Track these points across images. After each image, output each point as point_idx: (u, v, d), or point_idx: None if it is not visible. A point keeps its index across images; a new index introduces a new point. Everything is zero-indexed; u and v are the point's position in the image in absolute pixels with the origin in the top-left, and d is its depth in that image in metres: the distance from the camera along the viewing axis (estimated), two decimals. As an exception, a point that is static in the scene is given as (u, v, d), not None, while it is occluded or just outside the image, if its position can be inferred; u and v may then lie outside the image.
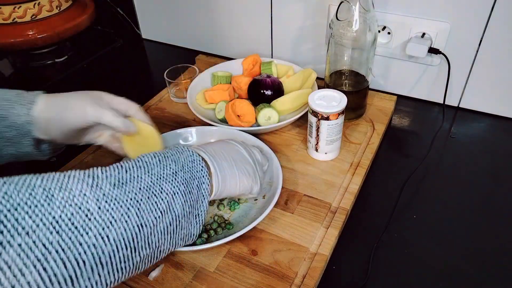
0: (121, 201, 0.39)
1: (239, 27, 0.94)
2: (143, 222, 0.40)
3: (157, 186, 0.42)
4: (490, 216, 0.59)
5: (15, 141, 0.53)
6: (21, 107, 0.52)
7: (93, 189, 0.38)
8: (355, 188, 0.62)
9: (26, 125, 0.52)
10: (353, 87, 0.73)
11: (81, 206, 0.36)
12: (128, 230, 0.38)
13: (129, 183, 0.41)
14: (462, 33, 0.72)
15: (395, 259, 0.54)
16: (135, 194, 0.40)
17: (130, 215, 0.39)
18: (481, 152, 0.70)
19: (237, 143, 0.56)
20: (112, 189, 0.39)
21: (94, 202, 0.37)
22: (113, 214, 0.38)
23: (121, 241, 0.38)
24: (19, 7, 0.89)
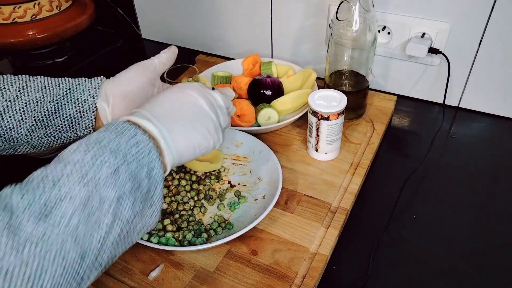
0: (51, 238, 0.30)
1: (239, 27, 0.94)
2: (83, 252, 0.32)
3: (95, 198, 0.34)
4: (490, 216, 0.59)
5: (74, 121, 0.53)
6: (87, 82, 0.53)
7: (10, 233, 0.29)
8: (355, 188, 0.62)
9: (90, 100, 0.52)
10: (353, 87, 0.73)
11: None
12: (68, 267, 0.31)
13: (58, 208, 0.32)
14: (462, 33, 0.72)
15: (395, 259, 0.54)
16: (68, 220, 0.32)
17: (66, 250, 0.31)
18: (481, 152, 0.70)
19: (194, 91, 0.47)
20: (36, 225, 0.30)
21: (14, 255, 0.28)
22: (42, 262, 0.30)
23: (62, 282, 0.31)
24: (19, 7, 0.89)
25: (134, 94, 0.54)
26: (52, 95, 0.51)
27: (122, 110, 0.54)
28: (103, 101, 0.53)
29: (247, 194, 0.62)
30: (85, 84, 0.53)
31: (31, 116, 0.50)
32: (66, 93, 0.52)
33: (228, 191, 0.63)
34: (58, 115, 0.52)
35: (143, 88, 0.55)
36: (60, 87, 0.52)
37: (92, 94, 0.53)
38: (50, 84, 0.52)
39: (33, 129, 0.50)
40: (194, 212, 0.59)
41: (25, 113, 0.49)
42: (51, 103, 0.51)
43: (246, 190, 0.63)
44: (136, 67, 0.56)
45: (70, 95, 0.52)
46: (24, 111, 0.49)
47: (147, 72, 0.56)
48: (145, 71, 0.56)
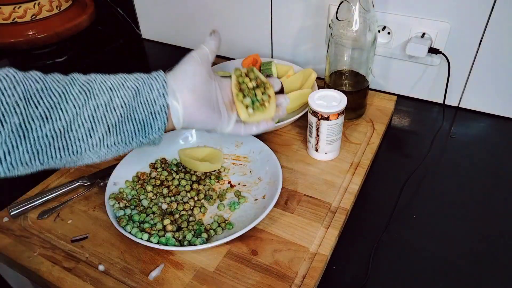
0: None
1: (239, 27, 0.94)
2: None
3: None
4: (490, 216, 0.59)
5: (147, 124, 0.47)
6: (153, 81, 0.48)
7: None
8: (355, 188, 0.62)
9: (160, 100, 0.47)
10: (353, 87, 0.73)
11: None
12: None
13: None
14: (462, 33, 0.72)
15: (395, 259, 0.54)
16: None
17: None
18: (481, 152, 0.70)
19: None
20: None
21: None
22: None
23: None
24: (19, 7, 0.89)
25: (200, 88, 0.50)
26: (120, 96, 0.46)
27: (193, 105, 0.49)
28: (173, 99, 0.48)
29: (247, 194, 0.62)
30: (150, 82, 0.48)
31: (103, 122, 0.45)
32: (136, 94, 0.47)
33: (228, 191, 0.63)
34: (131, 119, 0.46)
35: (206, 81, 0.51)
36: (124, 87, 0.46)
37: (162, 92, 0.47)
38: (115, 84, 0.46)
39: (104, 138, 0.45)
40: (194, 212, 0.59)
41: (95, 120, 0.44)
42: (122, 106, 0.45)
43: (246, 190, 0.63)
44: (193, 59, 0.51)
45: (139, 96, 0.47)
46: (94, 118, 0.44)
47: (205, 64, 0.52)
48: (203, 63, 0.51)
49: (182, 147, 0.69)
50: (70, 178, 0.66)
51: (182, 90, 0.49)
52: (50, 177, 0.66)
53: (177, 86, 0.49)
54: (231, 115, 0.53)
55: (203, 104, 0.50)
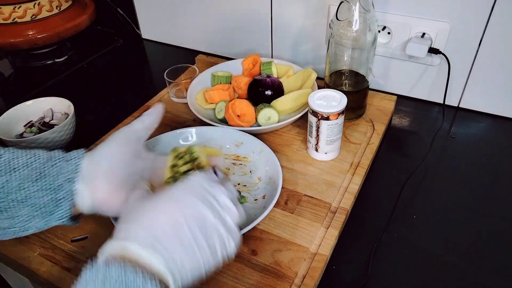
0: None
1: (239, 27, 0.94)
2: None
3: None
4: (490, 216, 0.59)
5: (47, 210, 0.43)
6: (64, 163, 0.44)
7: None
8: (355, 188, 0.62)
9: (66, 186, 0.43)
10: (353, 87, 0.73)
11: None
12: None
13: None
14: (462, 33, 0.72)
15: (395, 259, 0.54)
16: None
17: None
18: (481, 152, 0.70)
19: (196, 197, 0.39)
20: None
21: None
22: None
23: None
24: (19, 7, 0.89)
25: (117, 171, 0.45)
26: (19, 179, 0.42)
27: (104, 190, 0.44)
28: (83, 183, 0.44)
29: (247, 194, 0.62)
30: (61, 165, 0.43)
31: None
32: (38, 178, 0.42)
33: (228, 191, 0.63)
34: (28, 205, 0.42)
35: (127, 163, 0.46)
36: (29, 168, 0.42)
37: (71, 178, 0.43)
38: (17, 165, 0.43)
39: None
40: (194, 212, 0.59)
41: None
42: (18, 190, 0.42)
43: (246, 190, 0.62)
44: (117, 140, 0.47)
45: (42, 180, 0.42)
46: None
47: (131, 144, 0.47)
48: (129, 143, 0.47)
49: (182, 147, 0.69)
50: (70, 178, 0.66)
51: (95, 175, 0.44)
52: (50, 177, 0.66)
53: (92, 169, 0.44)
54: None
55: (118, 190, 0.45)
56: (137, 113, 0.80)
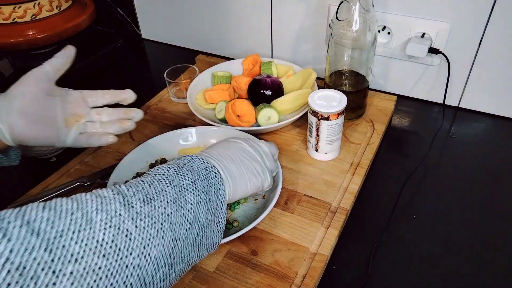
0: (154, 217, 0.38)
1: (239, 27, 0.94)
2: (176, 236, 0.39)
3: (181, 198, 0.42)
4: (490, 216, 0.59)
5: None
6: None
7: (126, 208, 0.37)
8: (355, 188, 0.62)
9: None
10: (353, 87, 0.73)
11: (120, 227, 0.35)
12: (165, 246, 0.38)
13: (157, 198, 0.40)
14: (462, 33, 0.72)
15: (395, 259, 0.54)
16: (164, 208, 0.39)
17: (165, 230, 0.38)
18: (481, 152, 0.70)
19: (241, 140, 0.55)
20: (143, 206, 0.38)
21: (130, 221, 0.36)
22: (149, 231, 0.37)
23: (160, 258, 0.37)
24: (19, 7, 0.89)
25: (30, 108, 0.50)
26: None
27: (23, 127, 0.50)
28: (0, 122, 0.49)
29: (247, 194, 0.62)
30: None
31: None
32: None
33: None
34: None
35: (39, 100, 0.51)
36: None
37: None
38: None
39: None
40: (194, 212, 0.59)
41: None
42: None
43: (246, 190, 0.62)
44: (26, 78, 0.52)
45: None
46: None
47: (39, 83, 0.52)
48: (37, 82, 0.52)
49: (182, 147, 0.69)
50: (70, 178, 0.66)
51: (9, 112, 0.49)
52: (50, 177, 0.66)
53: (5, 108, 0.49)
54: (70, 129, 0.54)
55: (33, 123, 0.51)
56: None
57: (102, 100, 0.58)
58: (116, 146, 0.71)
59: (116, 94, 0.58)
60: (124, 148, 0.71)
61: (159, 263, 0.37)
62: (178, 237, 0.39)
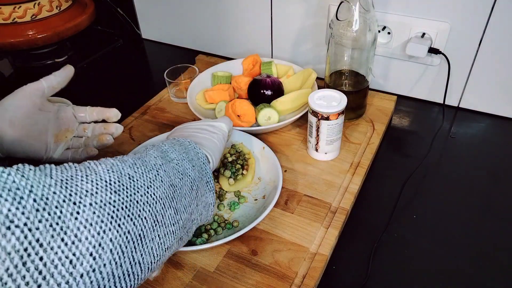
0: (148, 166, 0.42)
1: (239, 27, 0.94)
2: (172, 182, 0.42)
3: (166, 157, 0.45)
4: (490, 216, 0.59)
5: None
6: None
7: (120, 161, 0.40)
8: (355, 188, 0.62)
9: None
10: (353, 87, 0.73)
11: (121, 172, 0.39)
12: (166, 189, 0.41)
13: (145, 156, 0.43)
14: (462, 33, 0.72)
15: (395, 259, 0.54)
16: (154, 159, 0.43)
17: (161, 175, 0.42)
18: (481, 152, 0.70)
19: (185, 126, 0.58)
20: (135, 160, 0.42)
21: (129, 168, 0.40)
22: (148, 175, 0.40)
23: (165, 199, 0.40)
24: (19, 7, 0.89)
25: (21, 121, 0.52)
26: None
27: (13, 140, 0.52)
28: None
29: (247, 194, 0.62)
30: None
31: None
32: None
33: (228, 191, 0.63)
34: None
35: (29, 114, 0.53)
36: None
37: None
38: None
39: None
40: (194, 212, 0.59)
41: None
42: None
43: (246, 190, 0.62)
44: (21, 93, 0.53)
45: None
46: None
47: (33, 98, 0.54)
48: (31, 97, 0.54)
49: None
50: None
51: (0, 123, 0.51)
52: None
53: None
54: (59, 145, 0.58)
55: (23, 137, 0.53)
56: (136, 113, 0.80)
57: (90, 117, 0.61)
58: (116, 146, 0.71)
59: (102, 111, 0.61)
60: (124, 148, 0.71)
61: (165, 203, 0.40)
62: (175, 183, 0.43)
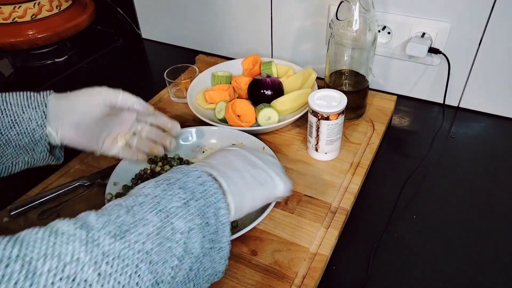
0: (126, 257, 0.30)
1: (239, 27, 0.94)
2: (158, 278, 0.32)
3: (168, 227, 0.34)
4: (490, 216, 0.59)
5: (29, 148, 0.52)
6: (32, 110, 0.51)
7: (88, 247, 0.29)
8: (355, 188, 0.62)
9: (39, 130, 0.51)
10: (353, 87, 0.73)
11: (75, 277, 0.28)
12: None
13: (134, 230, 0.32)
14: (462, 33, 0.72)
15: (395, 259, 0.54)
16: (142, 243, 0.32)
17: (141, 273, 0.31)
18: (481, 152, 0.70)
19: (239, 147, 0.51)
20: (113, 243, 0.30)
21: (92, 267, 0.29)
22: (118, 278, 0.29)
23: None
24: (19, 7, 0.89)
25: (86, 126, 0.54)
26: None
27: (70, 139, 0.54)
28: (52, 129, 0.52)
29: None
30: (31, 113, 0.51)
31: None
32: (13, 125, 0.50)
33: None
34: (11, 146, 0.51)
35: (96, 121, 0.55)
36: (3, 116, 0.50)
37: (40, 124, 0.51)
38: None
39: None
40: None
41: None
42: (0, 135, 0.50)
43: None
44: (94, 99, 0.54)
45: (17, 126, 0.50)
46: None
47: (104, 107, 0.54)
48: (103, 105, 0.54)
49: (182, 147, 0.69)
50: (70, 178, 0.66)
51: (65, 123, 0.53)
52: (50, 177, 0.66)
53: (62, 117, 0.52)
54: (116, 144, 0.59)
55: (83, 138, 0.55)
56: (137, 113, 0.80)
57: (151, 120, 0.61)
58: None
59: (165, 121, 0.61)
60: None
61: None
62: (162, 279, 0.32)
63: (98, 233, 0.31)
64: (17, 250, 0.27)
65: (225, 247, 0.39)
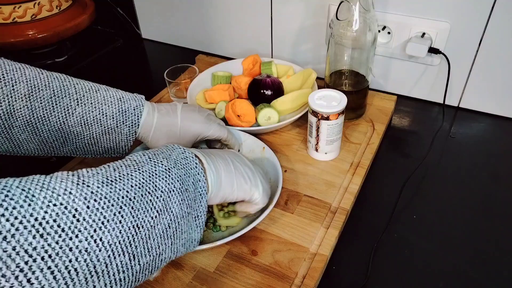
0: (112, 199, 0.35)
1: (239, 27, 0.94)
2: (139, 223, 0.36)
3: (150, 184, 0.38)
4: (490, 216, 0.59)
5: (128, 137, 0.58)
6: (126, 127, 0.56)
7: (79, 187, 0.34)
8: (355, 188, 0.62)
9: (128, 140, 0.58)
10: (353, 87, 0.73)
11: (67, 206, 0.32)
12: (123, 232, 0.34)
13: (119, 181, 0.37)
14: (462, 33, 0.72)
15: (395, 259, 0.54)
16: (126, 192, 0.36)
17: (124, 214, 0.35)
18: (481, 152, 0.70)
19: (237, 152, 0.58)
20: (101, 187, 0.35)
21: (82, 200, 0.33)
22: (104, 213, 0.33)
23: (117, 244, 0.34)
24: (19, 7, 0.89)
25: (179, 137, 0.60)
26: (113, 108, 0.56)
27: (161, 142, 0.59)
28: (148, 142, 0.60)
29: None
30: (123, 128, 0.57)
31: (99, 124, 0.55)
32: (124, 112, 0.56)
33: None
34: (98, 145, 0.57)
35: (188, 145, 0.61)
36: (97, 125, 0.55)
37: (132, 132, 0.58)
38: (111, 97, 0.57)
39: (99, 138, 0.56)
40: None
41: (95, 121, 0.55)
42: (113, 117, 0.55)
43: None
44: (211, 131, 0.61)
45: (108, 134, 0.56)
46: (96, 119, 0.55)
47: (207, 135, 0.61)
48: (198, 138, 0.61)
49: None
50: (70, 178, 0.66)
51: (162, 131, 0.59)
52: (50, 177, 0.66)
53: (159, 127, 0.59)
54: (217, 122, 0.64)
55: None
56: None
57: None
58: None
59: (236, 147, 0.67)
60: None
61: (114, 250, 0.33)
62: (142, 224, 0.36)
63: (88, 179, 0.35)
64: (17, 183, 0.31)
65: (201, 216, 0.44)
